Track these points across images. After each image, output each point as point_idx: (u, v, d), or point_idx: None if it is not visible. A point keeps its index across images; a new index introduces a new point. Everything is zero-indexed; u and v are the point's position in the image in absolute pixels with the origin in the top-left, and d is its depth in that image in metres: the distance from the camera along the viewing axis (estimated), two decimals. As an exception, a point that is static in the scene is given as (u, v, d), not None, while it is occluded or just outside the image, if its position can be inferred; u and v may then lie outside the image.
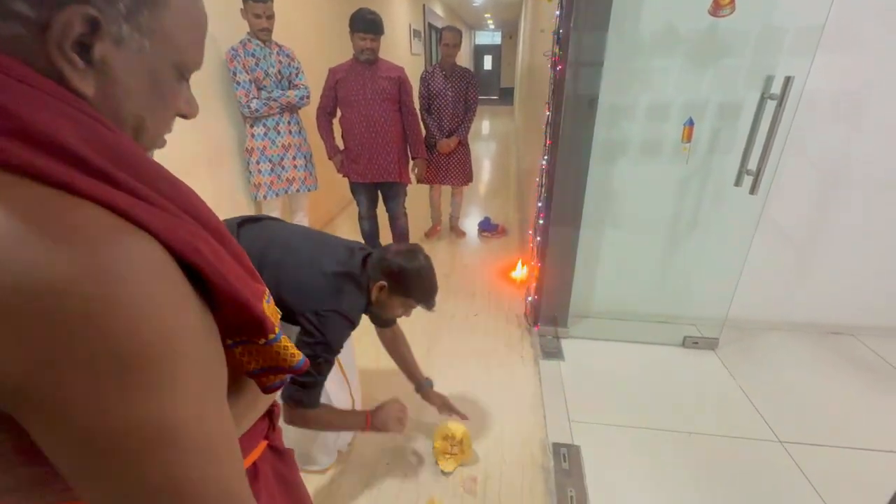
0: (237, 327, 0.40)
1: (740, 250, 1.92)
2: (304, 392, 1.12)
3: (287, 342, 0.45)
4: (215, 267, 0.35)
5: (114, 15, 0.32)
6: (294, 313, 1.13)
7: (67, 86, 0.32)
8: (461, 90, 2.99)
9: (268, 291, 0.46)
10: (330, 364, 1.17)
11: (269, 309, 0.44)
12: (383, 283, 1.20)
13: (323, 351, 1.12)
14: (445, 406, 1.53)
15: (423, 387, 1.55)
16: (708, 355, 2.03)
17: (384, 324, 1.51)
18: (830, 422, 1.65)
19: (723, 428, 1.62)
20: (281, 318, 0.66)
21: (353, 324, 1.20)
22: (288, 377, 0.49)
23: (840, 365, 1.96)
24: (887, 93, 1.76)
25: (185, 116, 0.44)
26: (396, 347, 1.56)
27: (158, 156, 0.42)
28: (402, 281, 1.20)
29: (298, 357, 0.46)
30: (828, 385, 1.85)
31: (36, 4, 0.29)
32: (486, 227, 3.56)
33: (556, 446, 1.54)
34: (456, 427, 1.50)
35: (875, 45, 1.71)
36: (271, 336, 0.43)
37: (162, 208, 0.33)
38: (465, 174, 3.22)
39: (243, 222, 1.24)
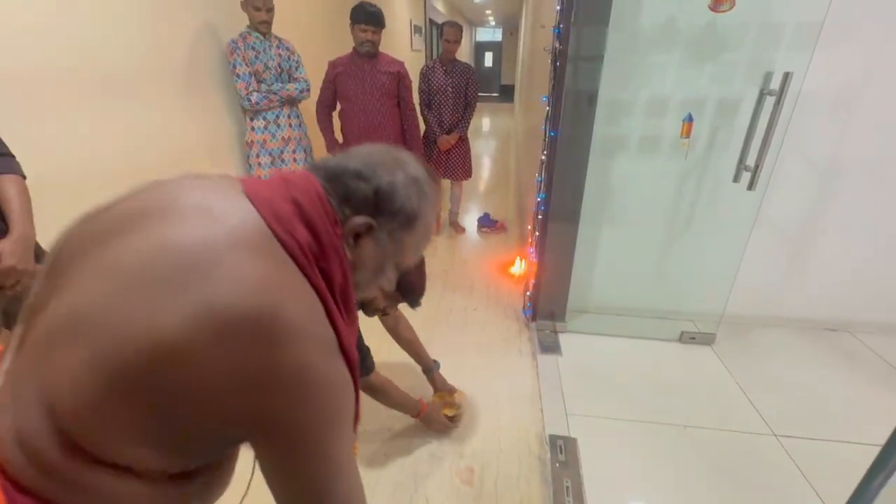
0: None
1: (737, 246, 1.93)
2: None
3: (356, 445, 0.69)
4: (355, 363, 0.55)
5: (383, 227, 0.57)
6: None
7: (345, 255, 0.55)
8: (461, 86, 2.99)
9: None
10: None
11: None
12: None
13: None
14: (445, 388, 1.61)
15: (431, 370, 1.58)
16: (704, 350, 2.05)
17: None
18: (825, 416, 1.67)
19: (718, 421, 1.64)
20: None
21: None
22: None
23: (836, 361, 1.98)
24: (886, 90, 1.76)
25: (376, 290, 0.68)
26: (400, 332, 1.57)
27: (163, 146, 0.43)
28: None
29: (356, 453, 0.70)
30: (824, 380, 1.86)
31: (353, 209, 0.55)
32: (486, 223, 3.57)
33: (553, 438, 1.56)
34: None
35: (874, 42, 1.71)
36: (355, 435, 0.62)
37: (352, 337, 0.56)
38: (464, 169, 3.23)
39: None
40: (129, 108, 1.76)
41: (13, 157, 1.09)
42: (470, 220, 3.74)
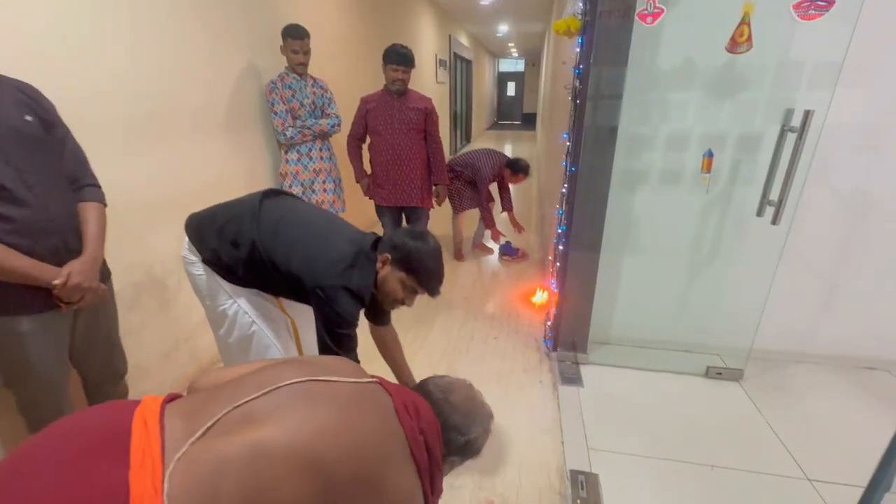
0: None
1: (764, 280, 1.91)
2: None
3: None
4: (427, 487, 0.80)
5: (458, 459, 0.95)
6: (305, 287, 1.16)
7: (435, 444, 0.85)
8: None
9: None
10: (350, 338, 1.21)
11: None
12: (387, 255, 1.21)
13: (337, 325, 1.15)
14: None
15: None
16: (732, 387, 1.99)
17: (380, 320, 1.50)
18: (863, 461, 1.58)
19: (747, 462, 1.58)
20: (294, 298, 1.26)
21: (361, 299, 1.21)
22: None
23: (874, 401, 1.89)
24: (914, 125, 1.75)
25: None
26: (388, 349, 1.55)
27: (204, 176, 0.50)
28: (406, 255, 1.20)
29: None
30: (860, 422, 1.78)
31: (446, 449, 0.89)
32: (507, 251, 3.60)
33: (574, 473, 1.54)
34: None
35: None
36: None
37: (431, 479, 0.82)
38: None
39: (267, 194, 1.31)
40: (180, 145, 1.91)
41: (99, 187, 1.24)
42: (494, 247, 3.78)
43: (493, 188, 3.56)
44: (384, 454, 0.73)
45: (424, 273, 1.21)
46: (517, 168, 3.36)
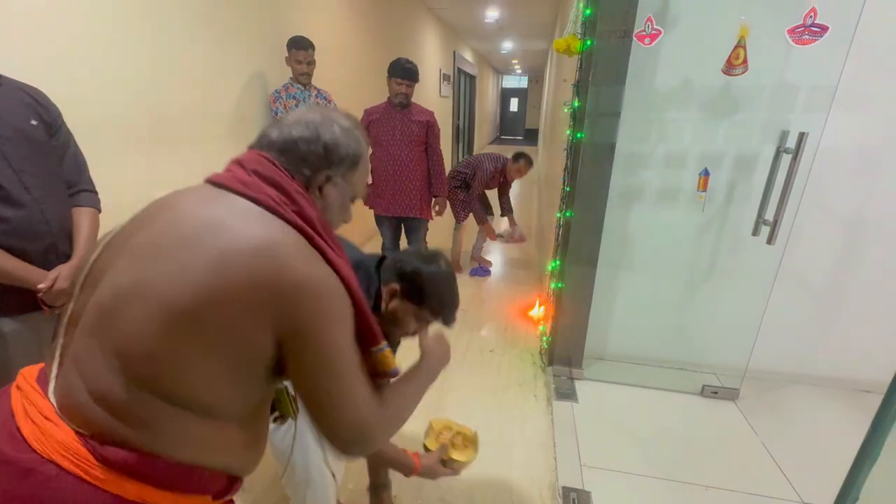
0: (360, 336, 0.68)
1: (759, 299, 1.91)
2: None
3: (389, 353, 0.72)
4: (358, 294, 0.67)
5: (338, 174, 0.70)
6: None
7: (312, 199, 0.68)
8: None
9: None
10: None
11: (378, 325, 0.72)
12: (396, 286, 1.04)
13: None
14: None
15: (383, 487, 1.41)
16: (728, 406, 1.98)
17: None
18: (859, 485, 1.57)
19: (742, 484, 1.56)
20: None
21: None
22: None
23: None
24: (908, 150, 1.77)
25: (344, 222, 0.81)
26: None
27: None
28: (418, 284, 1.04)
29: (394, 364, 0.74)
30: (855, 445, 1.75)
31: (311, 168, 0.69)
32: (479, 273, 3.58)
33: (567, 490, 1.52)
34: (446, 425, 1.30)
35: (890, 101, 1.74)
36: (382, 344, 0.71)
37: (342, 258, 0.67)
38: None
39: None
40: (182, 151, 1.94)
41: (95, 192, 1.25)
42: (493, 261, 3.78)
43: (493, 197, 3.57)
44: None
45: (440, 303, 1.07)
46: (517, 157, 3.33)
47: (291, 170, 0.68)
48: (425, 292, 1.05)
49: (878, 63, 1.71)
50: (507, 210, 3.60)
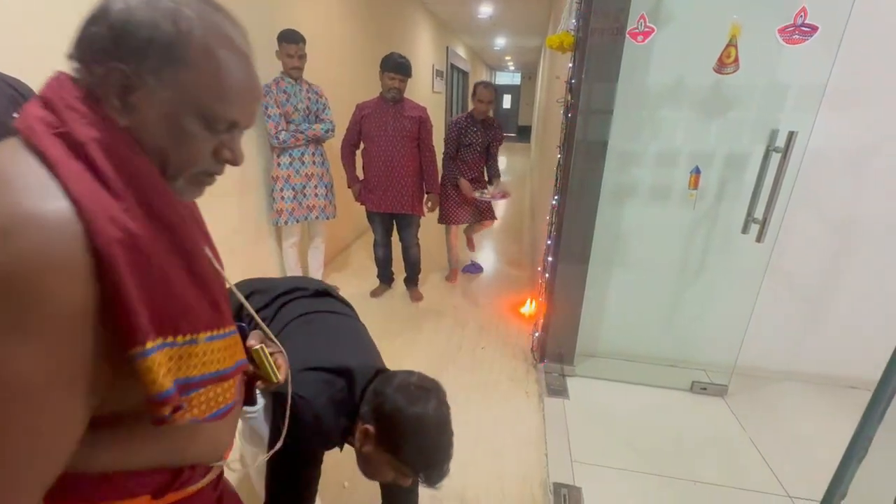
0: (116, 327, 0.42)
1: (748, 297, 1.93)
2: None
3: (157, 362, 0.44)
4: (123, 258, 0.41)
5: (143, 71, 0.44)
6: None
7: (105, 114, 0.44)
8: (487, 142, 3.12)
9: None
10: (300, 478, 0.89)
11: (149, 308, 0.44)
12: (370, 427, 0.84)
13: (284, 455, 0.76)
14: None
15: None
16: (716, 402, 2.00)
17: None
18: (844, 479, 1.60)
19: (730, 479, 1.58)
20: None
21: (323, 435, 0.87)
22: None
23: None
24: (893, 148, 1.79)
25: (230, 162, 0.53)
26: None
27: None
28: (394, 429, 0.82)
29: (166, 386, 0.45)
30: (842, 440, 1.78)
31: (100, 64, 0.43)
32: (471, 270, 3.56)
33: (557, 486, 1.53)
34: None
35: (879, 102, 1.76)
36: (150, 345, 0.44)
37: (128, 209, 0.43)
38: (492, 211, 3.33)
39: (318, 293, 1.12)
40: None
41: None
42: (485, 258, 3.78)
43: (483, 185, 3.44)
44: None
45: (418, 458, 0.83)
46: (473, 91, 3.06)
47: (81, 75, 0.45)
48: (403, 441, 0.82)
49: (866, 63, 1.73)
50: (494, 175, 3.34)
